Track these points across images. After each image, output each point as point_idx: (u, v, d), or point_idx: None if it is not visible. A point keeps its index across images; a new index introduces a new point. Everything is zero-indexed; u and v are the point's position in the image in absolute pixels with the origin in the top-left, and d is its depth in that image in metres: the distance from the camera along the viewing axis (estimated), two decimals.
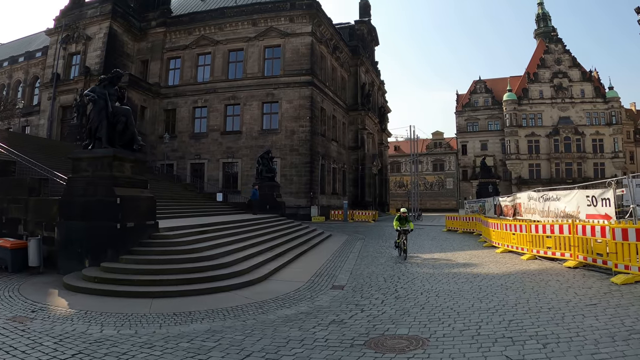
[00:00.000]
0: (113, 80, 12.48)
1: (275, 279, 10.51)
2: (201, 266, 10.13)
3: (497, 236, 15.83)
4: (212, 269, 10.08)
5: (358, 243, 19.29)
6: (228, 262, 10.69)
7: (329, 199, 44.44)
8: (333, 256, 14.72)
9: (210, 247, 11.58)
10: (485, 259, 13.41)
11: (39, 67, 49.14)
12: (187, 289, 8.96)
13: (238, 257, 11.32)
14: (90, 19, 42.73)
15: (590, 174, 66.82)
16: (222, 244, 12.24)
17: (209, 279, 9.52)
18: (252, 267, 10.86)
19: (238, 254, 11.69)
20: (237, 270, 10.26)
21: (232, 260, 10.86)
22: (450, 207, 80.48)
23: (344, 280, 10.44)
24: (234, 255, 11.47)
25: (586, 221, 11.49)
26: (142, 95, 41.83)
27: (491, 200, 24.24)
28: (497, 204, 21.90)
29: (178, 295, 8.72)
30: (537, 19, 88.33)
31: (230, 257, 11.17)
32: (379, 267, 12.28)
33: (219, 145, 41.69)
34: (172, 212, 18.24)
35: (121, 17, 42.99)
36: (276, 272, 11.21)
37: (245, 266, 10.73)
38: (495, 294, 8.46)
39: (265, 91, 41.19)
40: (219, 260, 10.72)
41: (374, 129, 60.46)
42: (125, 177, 11.70)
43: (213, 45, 43.47)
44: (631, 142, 73.85)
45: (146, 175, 14.79)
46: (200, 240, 12.13)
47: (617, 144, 69.33)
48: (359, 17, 60.22)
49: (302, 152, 39.22)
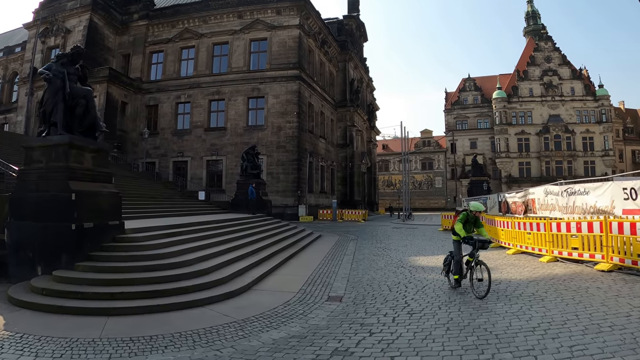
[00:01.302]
0: (74, 58, 10.72)
1: (261, 289, 8.86)
2: (172, 275, 8.44)
3: (507, 236, 14.34)
4: (184, 278, 8.39)
5: (351, 244, 17.73)
6: (204, 269, 9.01)
7: (317, 198, 42.91)
8: (325, 259, 13.13)
9: (185, 252, 9.90)
10: (499, 262, 11.88)
11: (17, 62, 47.34)
12: (152, 303, 7.28)
13: (216, 263, 9.62)
14: (70, 11, 41.00)
15: (580, 172, 66.19)
16: (198, 248, 10.55)
17: (180, 291, 7.84)
18: (233, 274, 9.20)
19: (217, 259, 10.00)
20: (215, 280, 8.56)
21: (209, 267, 9.17)
22: (439, 206, 79.54)
23: (341, 290, 8.85)
24: (212, 261, 9.79)
25: (623, 217, 9.97)
26: (123, 91, 40.05)
27: (494, 197, 22.73)
28: (502, 201, 20.39)
29: (140, 312, 7.05)
30: (526, 16, 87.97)
31: (207, 263, 9.49)
32: (380, 273, 10.71)
33: (203, 142, 40.01)
34: (146, 212, 16.49)
35: (102, 10, 41.19)
36: (261, 280, 9.57)
37: (225, 274, 9.06)
38: (531, 307, 6.89)
39: (251, 86, 39.60)
40: (193, 267, 9.05)
41: (363, 126, 59.05)
42: (85, 169, 9.96)
43: (197, 39, 41.80)
44: (620, 140, 73.43)
45: (120, 171, 13.12)
46: (174, 243, 10.43)
47: (607, 142, 68.83)
48: (348, 12, 58.77)
49: (289, 149, 37.64)
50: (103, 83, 37.86)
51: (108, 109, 37.87)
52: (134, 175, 28.05)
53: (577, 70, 71.76)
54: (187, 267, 8.93)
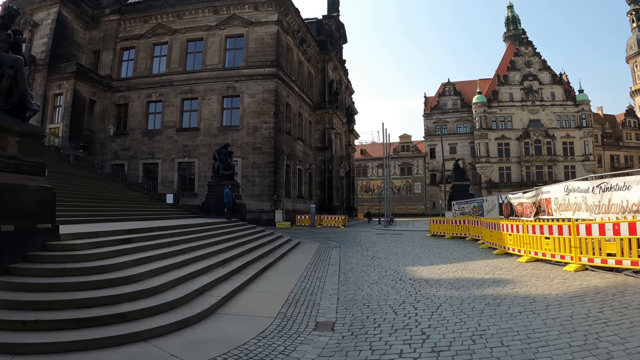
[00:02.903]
0: (4, 22, 8.63)
1: (228, 313, 6.80)
2: (110, 295, 6.33)
3: (516, 241, 12.55)
4: (127, 300, 6.32)
5: (334, 252, 15.80)
6: (155, 286, 6.92)
7: (295, 202, 40.94)
8: (308, 271, 11.18)
9: (134, 263, 7.81)
10: (516, 272, 10.05)
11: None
12: (73, 338, 5.20)
13: (173, 278, 7.51)
14: (39, 3, 38.55)
15: (561, 177, 65.51)
16: (153, 258, 8.46)
17: (118, 319, 5.76)
18: (193, 293, 7.12)
19: (174, 273, 7.90)
20: (168, 301, 6.48)
21: (162, 284, 7.08)
22: (418, 212, 78.35)
23: (331, 312, 6.92)
24: (168, 275, 7.68)
25: None
26: (91, 88, 37.72)
27: (493, 199, 20.99)
28: (504, 202, 18.61)
29: (55, 351, 4.99)
30: (506, 21, 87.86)
31: (161, 278, 7.40)
32: (375, 288, 8.79)
33: (175, 143, 37.74)
34: (100, 215, 14.34)
35: (72, 3, 38.80)
36: (230, 299, 7.50)
37: (182, 292, 6.99)
38: (599, 338, 5.01)
39: (226, 84, 37.55)
40: (142, 283, 6.98)
41: (342, 129, 57.34)
42: (6, 156, 7.82)
43: (170, 35, 39.65)
44: (599, 145, 73.36)
45: (81, 172, 10.95)
46: (122, 252, 8.32)
47: (587, 146, 68.63)
48: (328, 13, 57.15)
49: (265, 151, 35.64)
50: (70, 79, 35.70)
51: (75, 107, 35.63)
52: (97, 176, 25.65)
53: (558, 75, 71.50)
54: (132, 285, 6.86)
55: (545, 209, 14.28)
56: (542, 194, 14.69)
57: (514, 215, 17.06)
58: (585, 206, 11.33)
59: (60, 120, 36.16)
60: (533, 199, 15.31)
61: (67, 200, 14.56)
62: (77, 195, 17.23)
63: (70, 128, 35.26)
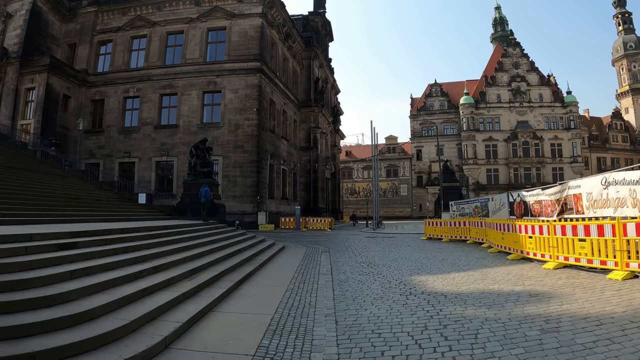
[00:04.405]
0: None
1: (188, 348, 4.86)
2: (19, 325, 4.39)
3: (538, 245, 10.88)
4: (43, 331, 4.39)
5: (323, 258, 13.96)
6: (89, 310, 4.94)
7: (279, 204, 39.07)
8: (295, 282, 9.31)
9: (67, 277, 5.83)
10: (550, 282, 8.26)
11: None
12: None
13: (117, 297, 5.53)
14: None
15: (549, 179, 64.78)
16: (96, 269, 6.45)
17: None
18: (144, 317, 5.18)
19: (121, 290, 5.92)
20: (102, 333, 4.53)
21: (99, 306, 5.09)
22: (404, 214, 77.08)
23: (330, 344, 5.08)
24: (112, 293, 5.70)
25: None
26: (66, 83, 35.57)
27: (501, 197, 19.13)
28: (515, 201, 16.79)
29: None
30: (494, 23, 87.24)
31: (101, 298, 5.41)
32: (382, 306, 6.95)
33: (152, 141, 35.67)
34: (50, 215, 12.29)
35: None
36: (193, 325, 5.58)
37: (128, 317, 5.04)
38: None
39: (207, 79, 35.64)
40: (71, 306, 5.01)
41: (328, 129, 55.60)
42: None
43: (150, 27, 37.69)
44: (586, 148, 72.82)
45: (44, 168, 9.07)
46: (57, 261, 6.36)
47: (575, 148, 68.05)
48: (314, 9, 55.54)
49: (247, 149, 33.73)
50: (43, 73, 33.62)
51: (48, 102, 33.58)
52: (63, 173, 23.44)
53: (545, 77, 70.88)
54: (55, 308, 4.90)
55: (573, 206, 12.43)
56: (569, 189, 12.79)
57: (529, 215, 15.25)
58: (634, 201, 9.52)
59: (32, 116, 33.90)
60: (556, 195, 13.40)
61: (13, 198, 12.55)
62: (31, 193, 15.15)
63: (42, 124, 33.11)
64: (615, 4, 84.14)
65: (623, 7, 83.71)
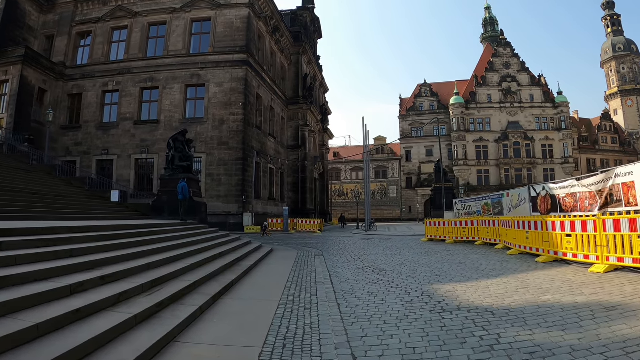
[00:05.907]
0: None
1: None
2: None
3: (580, 244, 9.22)
4: None
5: (318, 263, 12.19)
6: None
7: (265, 205, 37.19)
8: (287, 295, 7.43)
9: None
10: (612, 290, 6.53)
11: None
12: None
13: (30, 324, 3.66)
14: None
15: (540, 179, 63.92)
16: (15, 279, 4.59)
17: None
18: (68, 355, 3.44)
19: (43, 312, 4.03)
20: None
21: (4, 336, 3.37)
22: (394, 216, 75.68)
23: None
24: (28, 315, 3.84)
25: None
26: (41, 76, 33.36)
27: (520, 192, 17.14)
28: (539, 195, 14.90)
29: None
30: (484, 23, 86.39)
31: (9, 325, 3.65)
32: (413, 331, 5.12)
33: (132, 137, 33.59)
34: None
35: None
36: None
37: (43, 356, 3.30)
38: None
39: (190, 72, 33.70)
40: None
41: (316, 127, 53.86)
42: None
43: (131, 18, 35.66)
44: (576, 149, 72.08)
45: (6, 161, 7.06)
46: None
47: (566, 149, 67.24)
48: (303, 4, 53.89)
49: (232, 146, 31.81)
50: (17, 64, 31.47)
51: (22, 95, 31.41)
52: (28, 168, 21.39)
53: (536, 77, 70.05)
54: None
55: (621, 197, 10.60)
56: (615, 177, 10.91)
57: (559, 210, 13.45)
58: None
59: (5, 110, 31.67)
60: (598, 185, 11.43)
61: None
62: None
63: (16, 119, 30.94)
64: (604, 6, 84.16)
65: (612, 9, 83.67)
